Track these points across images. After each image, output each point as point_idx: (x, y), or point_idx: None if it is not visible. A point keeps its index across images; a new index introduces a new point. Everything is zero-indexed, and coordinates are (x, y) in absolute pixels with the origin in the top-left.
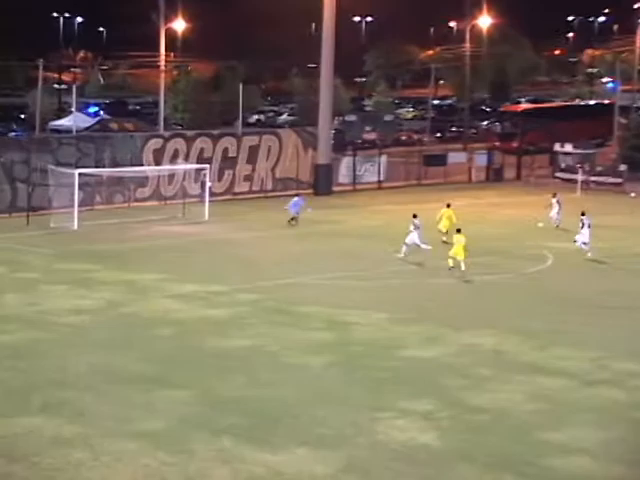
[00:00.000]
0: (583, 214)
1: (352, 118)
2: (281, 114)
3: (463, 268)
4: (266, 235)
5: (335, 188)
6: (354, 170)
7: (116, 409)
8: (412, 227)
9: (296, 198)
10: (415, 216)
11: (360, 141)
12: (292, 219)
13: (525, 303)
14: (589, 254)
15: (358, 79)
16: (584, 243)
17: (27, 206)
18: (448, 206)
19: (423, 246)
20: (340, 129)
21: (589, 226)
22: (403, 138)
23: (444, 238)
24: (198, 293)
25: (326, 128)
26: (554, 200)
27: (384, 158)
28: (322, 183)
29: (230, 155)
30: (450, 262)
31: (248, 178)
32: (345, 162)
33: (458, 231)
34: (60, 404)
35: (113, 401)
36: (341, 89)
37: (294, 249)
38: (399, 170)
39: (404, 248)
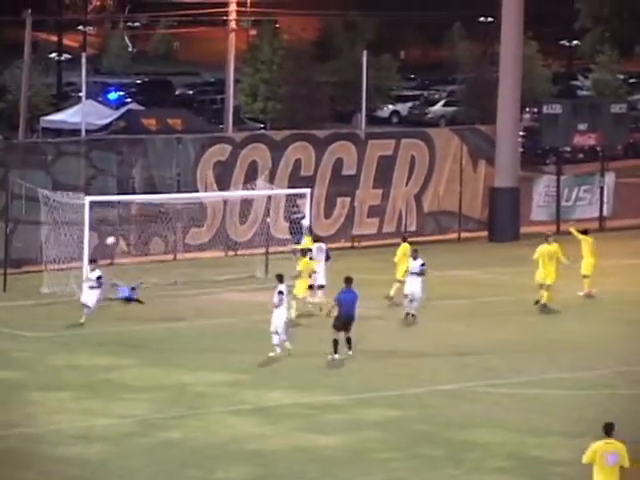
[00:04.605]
0: None
1: (555, 109)
2: (434, 103)
3: None
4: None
5: (525, 229)
6: (558, 199)
7: None
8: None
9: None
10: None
11: (569, 149)
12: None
13: None
14: None
15: (565, 42)
16: None
17: (4, 259)
18: None
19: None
20: (534, 128)
21: None
22: None
23: None
24: (292, 407)
25: (510, 127)
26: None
27: (611, 178)
28: (503, 221)
29: (346, 172)
30: None
31: (376, 212)
32: (542, 185)
33: None
34: None
35: None
36: (536, 59)
37: (458, 335)
38: (638, 198)
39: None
